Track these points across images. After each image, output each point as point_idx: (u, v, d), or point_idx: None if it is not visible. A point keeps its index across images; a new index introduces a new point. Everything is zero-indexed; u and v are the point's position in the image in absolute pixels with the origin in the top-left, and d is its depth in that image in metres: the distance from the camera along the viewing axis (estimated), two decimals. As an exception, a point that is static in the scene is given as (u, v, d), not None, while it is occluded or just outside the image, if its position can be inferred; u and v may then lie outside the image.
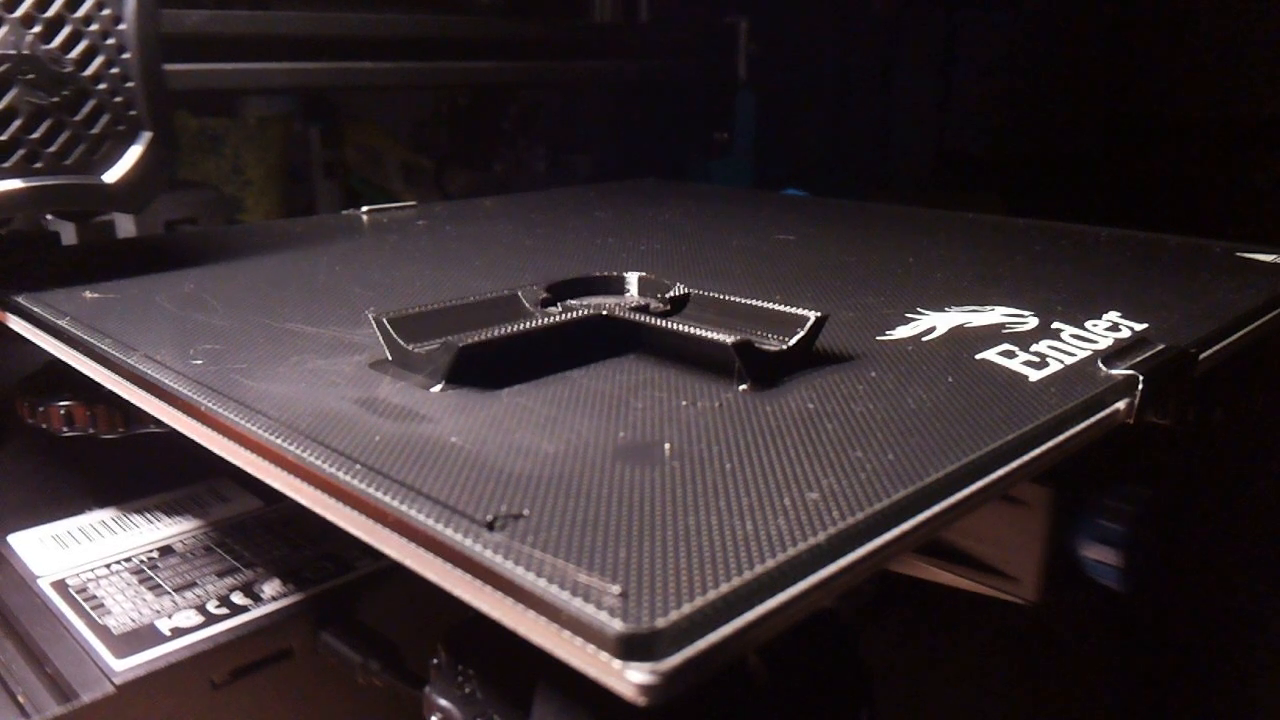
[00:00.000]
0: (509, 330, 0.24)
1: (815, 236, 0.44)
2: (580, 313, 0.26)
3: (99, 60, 0.34)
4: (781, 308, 0.26)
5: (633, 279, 0.32)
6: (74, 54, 0.33)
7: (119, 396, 0.26)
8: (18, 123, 0.33)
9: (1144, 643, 0.44)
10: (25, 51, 0.32)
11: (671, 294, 0.29)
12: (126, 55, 0.34)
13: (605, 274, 0.32)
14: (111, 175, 0.35)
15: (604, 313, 0.26)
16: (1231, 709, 0.45)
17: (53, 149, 0.33)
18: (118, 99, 0.35)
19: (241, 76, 0.66)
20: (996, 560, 0.26)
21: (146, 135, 0.36)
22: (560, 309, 0.28)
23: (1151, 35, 0.87)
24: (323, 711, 0.30)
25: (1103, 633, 0.42)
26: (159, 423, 0.24)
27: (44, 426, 0.34)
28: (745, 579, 0.14)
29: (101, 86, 0.34)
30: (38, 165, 0.33)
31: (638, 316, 0.26)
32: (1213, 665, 0.44)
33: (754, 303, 0.27)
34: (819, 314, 0.25)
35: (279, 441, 0.20)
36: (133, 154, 0.35)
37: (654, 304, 0.29)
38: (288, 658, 0.29)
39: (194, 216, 0.68)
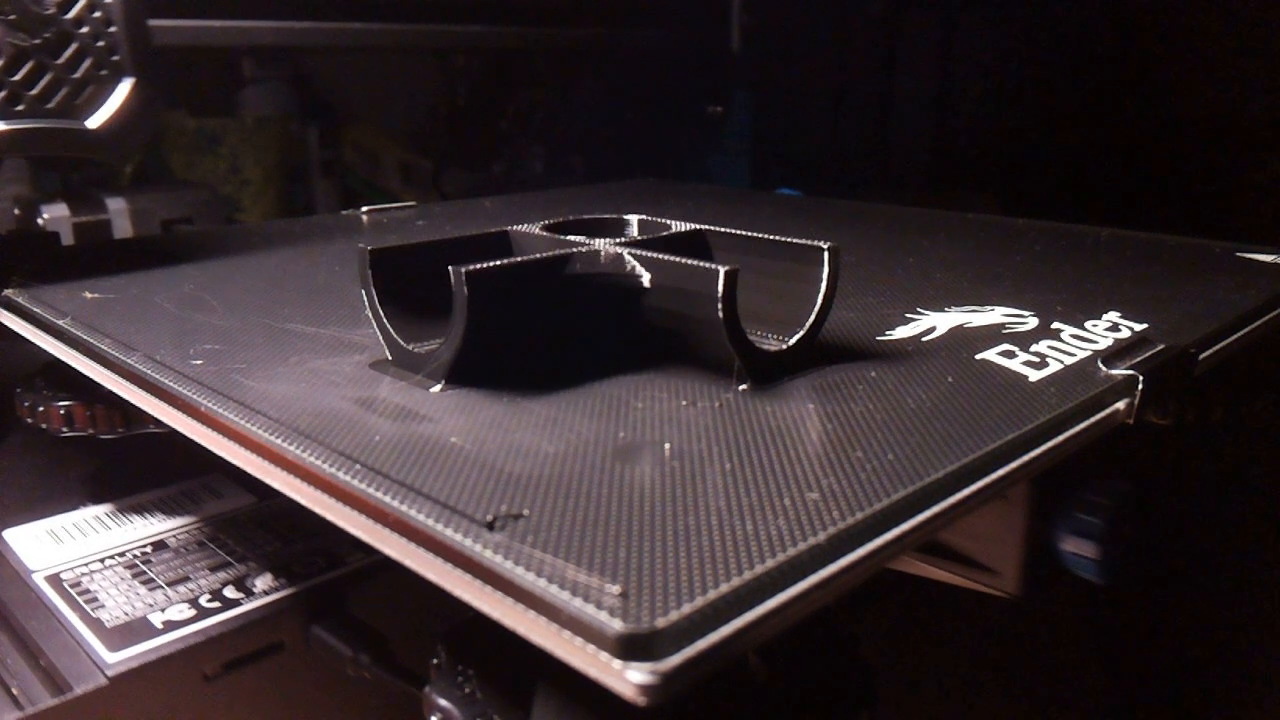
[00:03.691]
0: (515, 260, 0.24)
1: (815, 237, 0.44)
2: (577, 249, 0.26)
3: (81, 3, 0.34)
4: (793, 240, 0.26)
5: (633, 220, 0.31)
6: (56, -4, 0.33)
7: (119, 397, 0.26)
8: (-1, 64, 0.32)
9: (1145, 642, 0.44)
10: None
11: (675, 230, 0.28)
12: None
13: (604, 216, 0.31)
14: (94, 121, 0.35)
15: (602, 250, 0.26)
16: (1232, 707, 0.45)
17: (34, 92, 0.33)
18: (100, 43, 0.34)
19: (229, 34, 0.65)
20: (977, 554, 0.26)
21: (129, 81, 0.35)
22: (556, 244, 0.27)
23: (1151, 35, 0.87)
24: (313, 704, 0.31)
25: (1100, 629, 0.42)
26: (159, 423, 0.24)
27: (44, 427, 0.34)
28: (745, 579, 0.14)
29: (83, 30, 0.34)
30: (19, 108, 0.33)
31: (632, 251, 0.25)
32: (1212, 664, 0.45)
33: (765, 236, 0.27)
34: (831, 244, 0.24)
35: (279, 441, 0.20)
36: (116, 99, 0.35)
37: (653, 236, 0.28)
38: (279, 651, 0.30)
39: (190, 216, 0.68)
